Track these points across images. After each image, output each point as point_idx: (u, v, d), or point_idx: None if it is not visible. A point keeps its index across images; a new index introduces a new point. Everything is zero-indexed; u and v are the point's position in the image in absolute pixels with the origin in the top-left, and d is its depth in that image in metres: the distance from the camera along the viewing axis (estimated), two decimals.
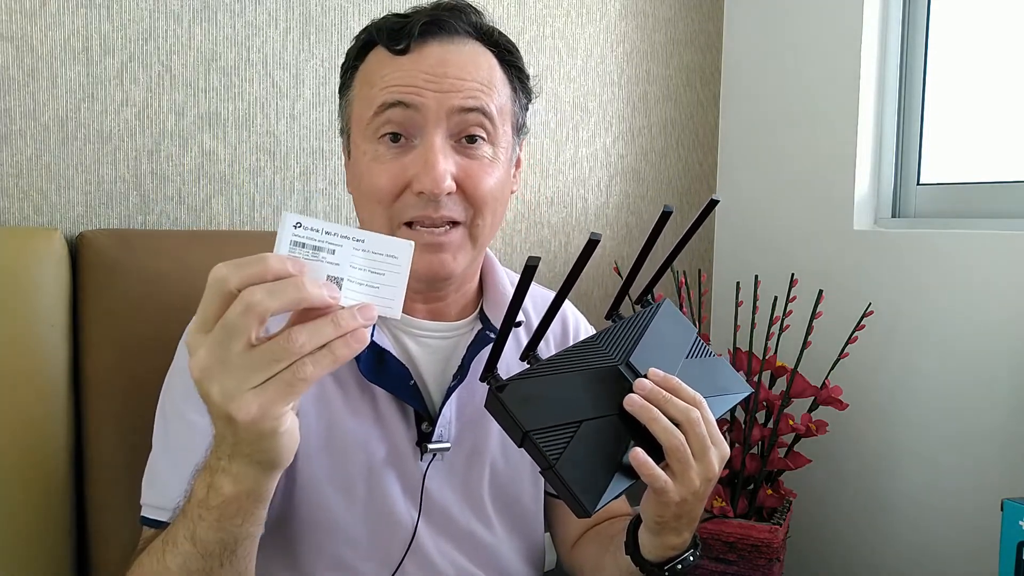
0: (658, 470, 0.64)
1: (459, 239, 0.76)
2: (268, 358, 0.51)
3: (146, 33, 1.04)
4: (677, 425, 0.65)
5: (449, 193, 0.74)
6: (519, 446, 0.64)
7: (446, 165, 0.73)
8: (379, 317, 0.80)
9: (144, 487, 0.78)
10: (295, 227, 0.53)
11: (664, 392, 0.66)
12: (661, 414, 0.65)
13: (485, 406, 0.66)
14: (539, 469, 0.64)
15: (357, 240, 0.54)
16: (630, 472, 0.65)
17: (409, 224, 0.75)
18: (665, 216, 0.65)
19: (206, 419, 0.61)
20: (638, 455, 0.64)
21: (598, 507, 0.62)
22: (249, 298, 0.50)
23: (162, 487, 0.74)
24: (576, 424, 0.64)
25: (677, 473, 0.65)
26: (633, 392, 0.66)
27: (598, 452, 0.64)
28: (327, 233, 0.53)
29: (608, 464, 0.64)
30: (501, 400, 0.63)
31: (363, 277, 0.54)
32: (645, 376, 0.68)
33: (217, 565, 0.62)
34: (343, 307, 0.53)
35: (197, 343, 0.52)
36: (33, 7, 0.96)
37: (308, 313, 0.53)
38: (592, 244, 0.57)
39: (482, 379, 0.65)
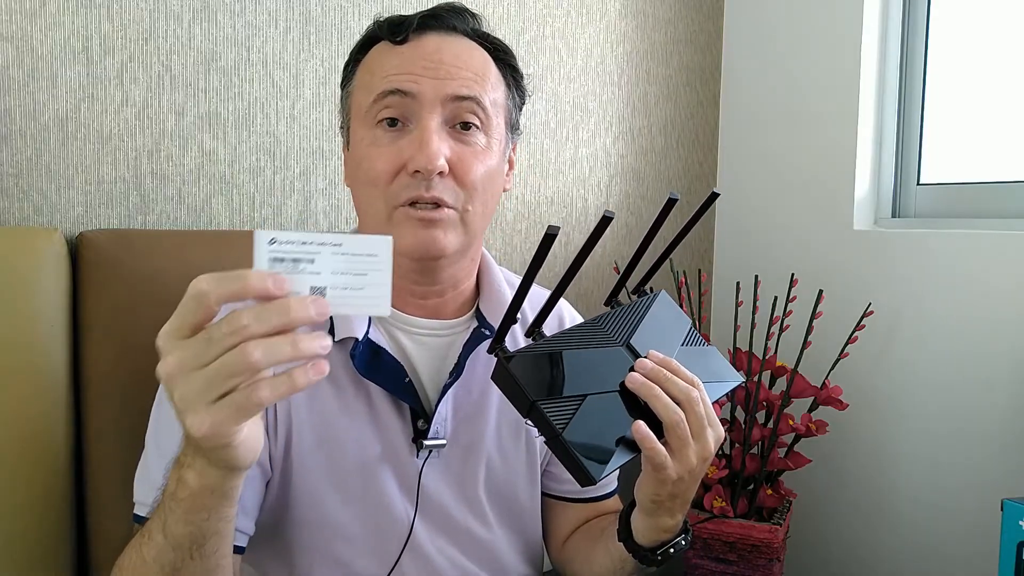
0: (659, 444, 0.66)
1: (450, 218, 0.77)
2: (224, 373, 0.50)
3: (146, 33, 1.05)
4: (677, 404, 0.67)
5: (441, 173, 0.75)
6: (525, 416, 0.66)
7: (440, 145, 0.75)
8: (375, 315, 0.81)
9: (136, 485, 0.78)
10: (270, 243, 0.52)
11: (665, 371, 0.69)
12: (662, 391, 0.67)
13: (492, 377, 0.68)
14: (544, 439, 0.66)
15: (335, 245, 0.53)
16: (631, 447, 0.67)
17: (403, 207, 0.77)
18: (670, 203, 0.67)
19: None
20: (640, 427, 0.66)
21: (602, 475, 0.64)
22: (237, 323, 0.50)
23: (152, 485, 0.74)
24: (581, 398, 0.67)
25: (675, 450, 0.67)
26: (634, 371, 0.69)
27: (601, 425, 0.67)
28: (303, 243, 0.52)
29: (611, 437, 0.67)
30: (509, 370, 0.66)
31: (346, 281, 0.53)
32: (646, 357, 0.70)
33: (188, 557, 0.63)
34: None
35: (169, 347, 0.52)
36: (33, 7, 0.96)
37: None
38: (605, 221, 0.59)
39: (490, 351, 0.68)
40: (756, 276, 1.36)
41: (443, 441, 0.81)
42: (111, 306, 0.93)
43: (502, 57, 0.83)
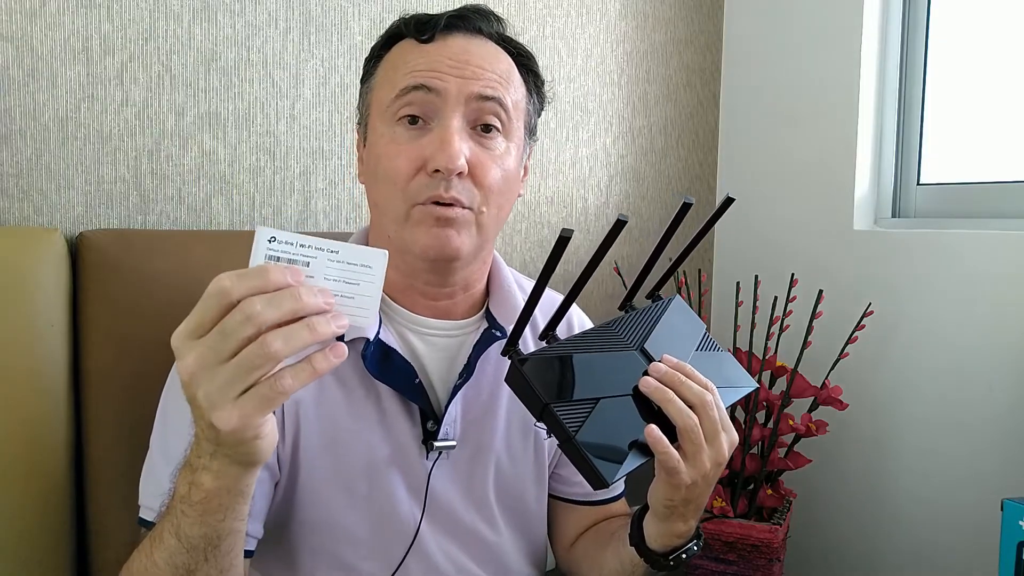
0: (672, 448, 0.66)
1: (466, 219, 0.77)
2: (246, 366, 0.51)
3: (146, 33, 1.04)
4: (690, 408, 0.67)
5: (460, 174, 0.75)
6: (538, 419, 0.66)
7: (461, 145, 0.75)
8: (384, 315, 0.81)
9: (141, 488, 0.78)
10: (270, 241, 0.53)
11: (679, 375, 0.69)
12: (676, 396, 0.67)
13: (505, 380, 0.68)
14: (557, 442, 0.66)
15: (331, 251, 0.54)
16: (644, 451, 0.67)
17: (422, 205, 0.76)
18: (685, 208, 0.67)
19: None
20: (653, 431, 0.66)
21: (615, 478, 0.64)
22: (249, 309, 0.51)
23: (158, 490, 0.74)
24: (594, 401, 0.67)
25: (689, 454, 0.67)
26: (648, 375, 0.68)
27: (614, 429, 0.66)
28: (301, 246, 0.54)
29: (624, 441, 0.67)
30: (523, 373, 0.66)
31: (337, 288, 0.55)
32: (659, 361, 0.70)
33: (202, 559, 0.62)
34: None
35: (187, 348, 0.53)
36: (33, 7, 0.96)
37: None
38: (619, 225, 0.59)
39: (504, 353, 0.68)
40: (756, 276, 1.36)
41: (453, 443, 0.81)
42: (111, 306, 0.93)
43: (524, 62, 0.83)
